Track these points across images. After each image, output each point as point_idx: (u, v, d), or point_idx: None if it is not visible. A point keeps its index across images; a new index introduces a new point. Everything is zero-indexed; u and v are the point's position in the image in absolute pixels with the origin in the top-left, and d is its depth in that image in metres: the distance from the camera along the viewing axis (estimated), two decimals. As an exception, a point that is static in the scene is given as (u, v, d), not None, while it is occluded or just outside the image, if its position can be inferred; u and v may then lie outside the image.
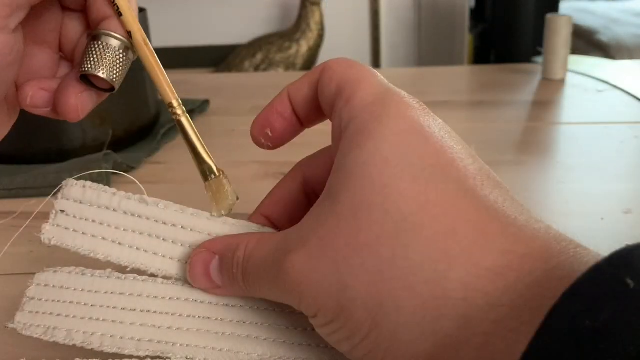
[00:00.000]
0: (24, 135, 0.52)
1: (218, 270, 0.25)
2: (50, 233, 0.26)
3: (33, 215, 0.28)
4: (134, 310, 0.25)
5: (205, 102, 0.68)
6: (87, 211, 0.26)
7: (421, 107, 0.23)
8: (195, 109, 0.66)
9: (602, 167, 0.48)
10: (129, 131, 0.56)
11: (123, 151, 0.55)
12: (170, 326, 0.25)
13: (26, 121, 0.51)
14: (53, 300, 0.25)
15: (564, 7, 2.09)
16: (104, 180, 0.46)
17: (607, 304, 0.15)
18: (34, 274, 0.26)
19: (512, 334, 0.17)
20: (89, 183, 0.26)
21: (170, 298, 0.26)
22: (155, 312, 0.25)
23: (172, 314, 0.25)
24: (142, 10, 0.58)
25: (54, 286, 0.26)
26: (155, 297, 0.26)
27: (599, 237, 0.17)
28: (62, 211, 0.26)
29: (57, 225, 0.26)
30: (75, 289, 0.26)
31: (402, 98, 0.22)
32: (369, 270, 0.19)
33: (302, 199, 0.28)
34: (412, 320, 0.19)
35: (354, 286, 0.19)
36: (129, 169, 0.51)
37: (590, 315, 0.15)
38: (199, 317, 0.25)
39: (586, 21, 1.96)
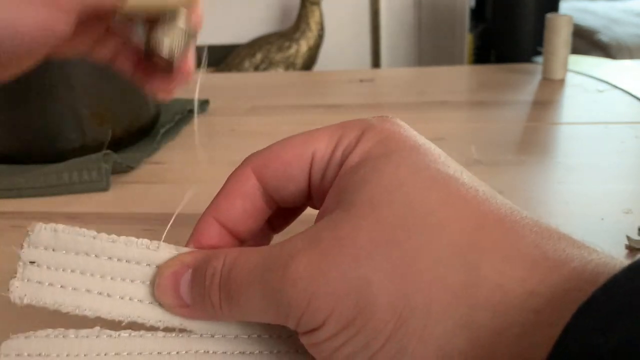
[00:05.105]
0: (23, 135, 0.52)
1: (189, 285, 0.22)
2: (20, 290, 0.21)
3: (33, 215, 0.28)
4: None
5: (205, 102, 0.68)
6: (64, 259, 0.22)
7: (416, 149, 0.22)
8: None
9: (602, 167, 0.48)
10: (128, 131, 0.56)
11: (123, 151, 0.55)
12: None
13: (26, 122, 0.52)
14: None
15: (564, 7, 2.09)
16: (104, 180, 0.46)
17: (622, 320, 0.14)
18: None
19: (551, 329, 0.16)
20: (60, 226, 0.22)
21: (177, 352, 0.22)
22: None
23: None
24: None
25: (29, 355, 0.21)
26: (160, 352, 0.22)
27: (599, 238, 0.17)
28: (32, 262, 0.22)
29: (28, 280, 0.22)
30: (58, 355, 0.21)
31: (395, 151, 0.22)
32: (395, 262, 0.18)
33: (262, 205, 0.24)
34: (444, 312, 0.18)
35: (379, 281, 0.18)
36: (128, 169, 0.51)
37: (603, 333, 0.14)
38: None
39: (586, 21, 1.96)
